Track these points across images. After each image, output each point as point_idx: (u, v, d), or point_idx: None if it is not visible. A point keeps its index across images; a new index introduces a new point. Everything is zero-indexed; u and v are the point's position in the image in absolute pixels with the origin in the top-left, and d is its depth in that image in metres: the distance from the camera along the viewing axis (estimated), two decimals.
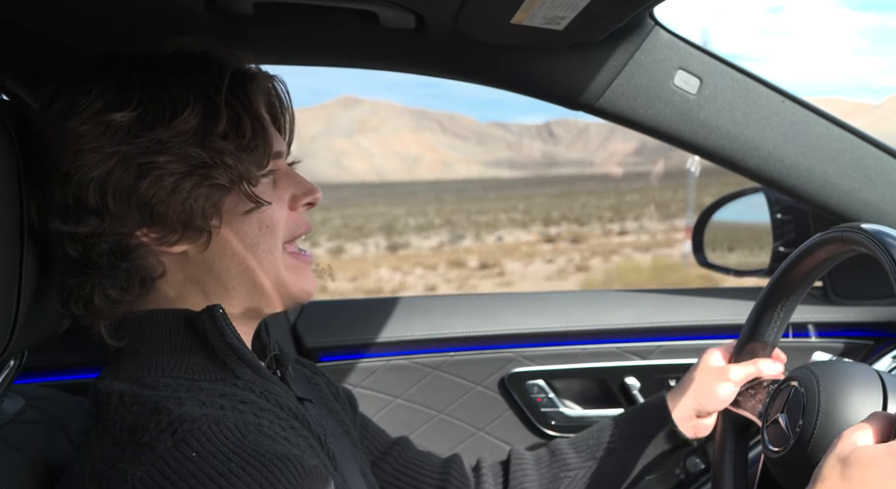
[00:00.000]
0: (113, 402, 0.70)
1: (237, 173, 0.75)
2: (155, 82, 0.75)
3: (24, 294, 0.77)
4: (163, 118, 0.73)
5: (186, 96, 0.74)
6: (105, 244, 0.74)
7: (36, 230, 0.78)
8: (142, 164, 0.72)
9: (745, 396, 1.06)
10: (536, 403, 1.41)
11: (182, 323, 0.76)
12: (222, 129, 0.75)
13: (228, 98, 0.76)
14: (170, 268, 0.77)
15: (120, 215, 0.73)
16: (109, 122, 0.72)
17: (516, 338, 1.41)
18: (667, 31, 1.16)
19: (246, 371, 0.77)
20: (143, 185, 0.73)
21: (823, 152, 1.23)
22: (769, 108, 1.21)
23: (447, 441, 1.41)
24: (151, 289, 0.77)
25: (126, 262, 0.75)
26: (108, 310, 0.76)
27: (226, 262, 0.78)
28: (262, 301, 0.80)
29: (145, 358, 0.75)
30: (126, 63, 0.77)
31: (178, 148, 0.73)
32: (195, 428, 0.65)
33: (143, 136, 0.72)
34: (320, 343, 1.37)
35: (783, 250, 1.45)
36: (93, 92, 0.74)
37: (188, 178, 0.73)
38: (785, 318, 1.03)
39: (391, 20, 1.02)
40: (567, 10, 0.94)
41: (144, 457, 0.64)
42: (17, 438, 0.79)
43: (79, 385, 1.23)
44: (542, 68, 1.17)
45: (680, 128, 1.20)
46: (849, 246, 0.89)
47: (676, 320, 1.44)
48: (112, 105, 0.73)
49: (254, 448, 0.65)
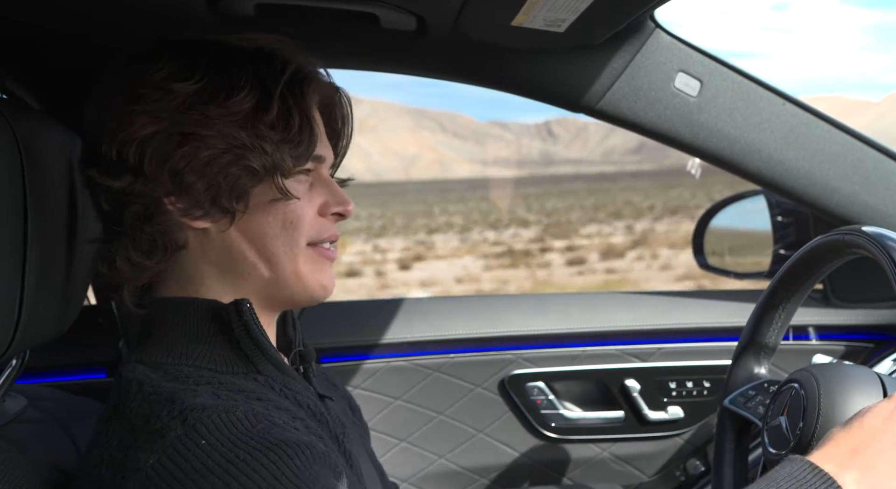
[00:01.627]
0: (133, 390, 0.72)
1: (271, 161, 0.77)
2: (219, 64, 0.78)
3: (27, 293, 0.77)
4: (217, 96, 0.76)
5: (245, 82, 0.77)
6: (135, 205, 0.77)
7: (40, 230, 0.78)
8: (185, 134, 0.76)
9: (745, 397, 1.06)
10: (536, 405, 1.41)
11: (209, 314, 0.78)
12: (271, 119, 0.78)
13: (284, 91, 0.78)
14: (192, 243, 0.79)
15: (153, 178, 0.76)
16: (169, 90, 0.76)
17: (516, 340, 1.41)
18: (668, 34, 1.17)
19: (268, 366, 0.78)
20: (180, 153, 0.76)
21: (824, 155, 1.23)
22: (770, 110, 1.21)
23: (447, 442, 1.41)
24: (172, 261, 0.79)
25: (150, 226, 0.77)
26: (130, 274, 0.79)
27: (244, 248, 0.79)
28: (280, 289, 0.81)
29: (170, 345, 0.77)
30: (196, 45, 0.81)
31: (223, 126, 0.76)
32: (205, 416, 0.66)
33: (195, 110, 0.76)
34: (321, 344, 1.37)
35: (783, 253, 1.45)
36: (162, 61, 0.78)
37: (223, 156, 0.76)
38: (786, 320, 1.03)
39: (392, 22, 1.02)
40: (568, 12, 0.94)
41: (156, 445, 0.66)
42: (19, 438, 0.80)
43: (81, 385, 1.23)
44: (543, 70, 1.17)
45: (680, 130, 1.20)
46: (850, 248, 0.89)
47: (676, 322, 1.44)
48: (176, 75, 0.77)
49: (262, 435, 0.66)
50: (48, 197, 0.81)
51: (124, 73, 0.79)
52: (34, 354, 0.89)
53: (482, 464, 1.43)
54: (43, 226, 0.79)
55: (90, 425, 0.90)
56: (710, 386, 1.43)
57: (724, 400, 1.08)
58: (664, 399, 1.42)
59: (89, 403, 1.00)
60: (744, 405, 1.05)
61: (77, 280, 0.88)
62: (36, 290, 0.78)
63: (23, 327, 0.77)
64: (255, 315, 0.78)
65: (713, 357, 1.43)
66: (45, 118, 0.88)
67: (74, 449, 0.85)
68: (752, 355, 1.06)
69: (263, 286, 0.81)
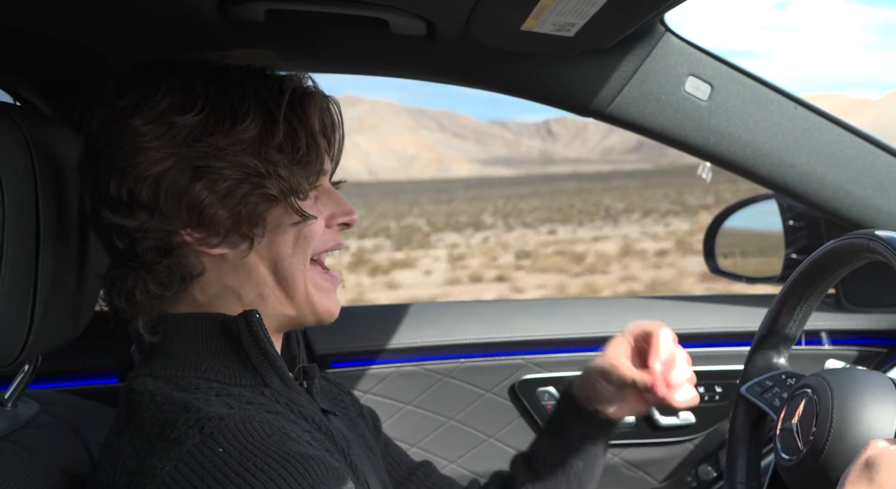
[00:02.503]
0: (145, 401, 0.72)
1: (288, 186, 0.78)
2: (218, 90, 0.78)
3: (40, 299, 0.77)
4: (223, 126, 0.76)
5: (247, 107, 0.77)
6: (150, 240, 0.77)
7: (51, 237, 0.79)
8: (197, 167, 0.75)
9: (762, 387, 1.04)
10: (547, 410, 1.40)
11: (217, 327, 0.78)
12: (278, 142, 0.78)
13: (287, 113, 0.78)
14: (209, 269, 0.79)
15: (169, 214, 0.76)
16: (172, 124, 0.75)
17: (526, 345, 1.41)
18: (678, 38, 1.16)
19: (275, 379, 0.79)
20: (197, 187, 0.75)
21: (836, 159, 1.22)
22: (781, 114, 1.21)
23: (457, 448, 1.41)
24: (190, 287, 0.79)
25: (168, 259, 0.77)
26: (148, 305, 0.78)
27: (261, 270, 0.80)
28: (293, 311, 0.82)
29: (179, 358, 0.77)
30: (189, 69, 0.80)
31: (234, 155, 0.76)
32: (222, 425, 0.67)
33: (203, 141, 0.75)
34: (331, 349, 1.37)
35: (795, 257, 1.45)
36: (160, 90, 0.76)
37: (241, 186, 0.76)
38: (807, 313, 1.02)
39: (402, 27, 1.02)
40: (577, 16, 0.94)
41: (173, 453, 0.66)
42: (31, 443, 0.80)
43: (93, 390, 1.24)
44: (553, 75, 1.17)
45: (691, 134, 1.20)
46: (863, 253, 0.89)
47: (688, 327, 1.43)
48: (177, 107, 0.76)
49: (278, 446, 0.67)
50: (60, 203, 0.81)
51: (121, 105, 0.77)
52: (46, 360, 0.90)
53: (492, 469, 1.42)
54: (55, 232, 0.80)
55: (102, 430, 0.90)
56: (721, 391, 1.42)
57: (742, 387, 1.06)
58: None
59: (101, 408, 1.00)
60: (760, 395, 1.04)
61: (88, 285, 0.88)
62: (48, 296, 0.79)
63: (35, 333, 0.78)
64: (264, 326, 0.78)
65: (725, 362, 1.42)
66: (56, 124, 0.88)
67: (86, 453, 0.86)
68: (770, 345, 1.05)
69: (278, 307, 0.81)
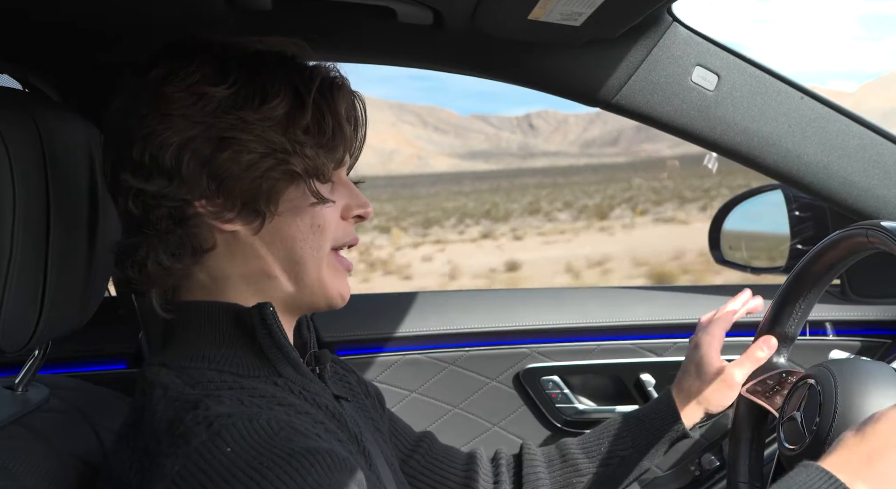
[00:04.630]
0: (157, 394, 0.72)
1: (313, 165, 0.78)
2: (250, 68, 0.78)
3: (50, 285, 0.78)
4: (252, 101, 0.76)
5: (278, 86, 0.77)
6: (165, 208, 0.77)
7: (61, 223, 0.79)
8: (224, 138, 0.75)
9: (763, 386, 1.05)
10: (551, 399, 1.41)
11: (232, 318, 0.78)
12: (305, 124, 0.78)
13: (316, 97, 0.79)
14: (220, 244, 0.79)
15: (189, 181, 0.76)
16: (203, 94, 0.75)
17: (531, 334, 1.41)
18: (685, 27, 1.16)
19: (287, 368, 0.79)
20: (221, 157, 0.76)
21: (842, 149, 1.22)
22: (787, 104, 1.20)
23: (462, 436, 1.42)
24: (201, 262, 0.79)
25: (181, 229, 0.77)
26: (160, 277, 0.78)
27: (272, 250, 0.80)
28: (303, 295, 0.82)
29: (194, 348, 0.78)
30: (223, 47, 0.80)
31: (261, 131, 0.76)
32: (229, 423, 0.67)
33: (232, 114, 0.76)
34: (337, 337, 1.38)
35: (801, 248, 1.45)
36: (193, 63, 0.77)
37: (266, 159, 0.76)
38: (805, 312, 1.03)
39: (409, 16, 1.02)
40: (584, 6, 0.94)
41: (180, 451, 0.66)
42: (42, 427, 0.81)
43: (101, 375, 1.25)
44: (559, 64, 1.17)
45: (697, 124, 1.20)
46: (869, 243, 0.89)
47: (692, 317, 1.43)
48: (209, 79, 0.76)
49: (284, 443, 0.67)
50: (69, 190, 0.82)
51: (152, 74, 0.78)
52: (55, 345, 0.91)
53: None
54: (64, 218, 0.80)
55: (110, 415, 0.91)
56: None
57: (742, 388, 1.07)
58: None
59: (110, 394, 1.01)
60: (762, 394, 1.05)
61: (98, 272, 0.89)
62: (57, 282, 0.79)
63: (45, 318, 0.79)
64: (278, 318, 0.78)
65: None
66: (65, 111, 0.89)
67: (96, 438, 0.87)
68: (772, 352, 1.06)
69: (287, 290, 0.81)
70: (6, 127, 0.73)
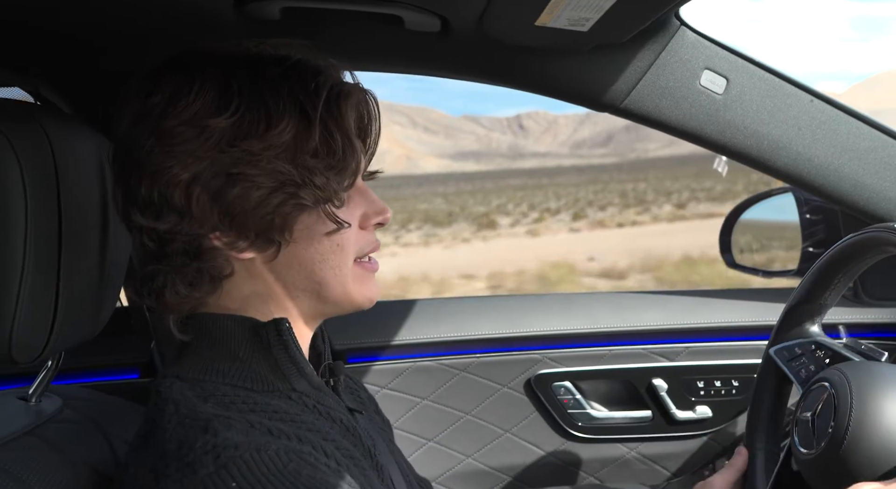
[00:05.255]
0: (169, 410, 0.72)
1: (323, 195, 0.76)
2: (253, 89, 0.75)
3: (62, 296, 0.79)
4: (257, 129, 0.74)
5: (283, 109, 0.75)
6: (179, 242, 0.76)
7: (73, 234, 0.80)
8: (231, 174, 0.73)
9: (790, 353, 1.03)
10: (563, 405, 1.41)
11: (247, 332, 0.78)
12: (314, 147, 0.76)
13: (323, 114, 0.76)
14: (238, 271, 0.78)
15: (200, 218, 0.75)
16: (205, 127, 0.73)
17: (543, 340, 1.41)
18: (693, 31, 1.16)
19: (302, 383, 0.78)
20: (230, 193, 0.74)
21: (853, 151, 1.21)
22: (797, 107, 1.20)
23: (474, 442, 1.41)
24: (220, 288, 0.79)
25: (197, 261, 0.76)
26: (178, 304, 0.78)
27: (293, 274, 0.79)
28: (326, 308, 0.82)
29: (209, 361, 0.77)
30: (225, 62, 0.78)
31: (268, 162, 0.74)
32: (237, 455, 0.66)
33: (237, 146, 0.73)
34: (348, 344, 1.38)
35: (812, 251, 1.44)
36: (193, 91, 0.74)
37: (275, 194, 0.74)
38: (843, 286, 1.00)
39: (416, 24, 1.03)
40: (592, 11, 0.94)
41: (187, 480, 0.65)
42: (55, 437, 0.81)
43: (114, 386, 1.26)
44: (567, 70, 1.17)
45: (707, 128, 1.19)
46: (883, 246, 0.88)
47: (704, 321, 1.43)
48: (210, 109, 0.74)
49: (293, 477, 0.66)
50: (81, 201, 0.82)
51: (152, 101, 0.75)
52: (68, 356, 0.91)
53: (509, 464, 1.43)
54: (76, 229, 0.81)
55: (123, 425, 0.92)
56: (738, 385, 1.42)
57: (770, 348, 1.05)
58: (692, 398, 1.42)
59: (122, 404, 1.02)
60: (787, 362, 1.03)
61: (110, 282, 0.89)
62: (70, 294, 0.80)
63: (58, 329, 0.79)
64: (294, 334, 0.78)
65: (741, 356, 1.42)
66: (76, 122, 0.89)
67: (109, 448, 0.87)
68: (805, 311, 1.03)
69: (311, 306, 0.81)
70: (18, 139, 0.74)
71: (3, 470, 0.71)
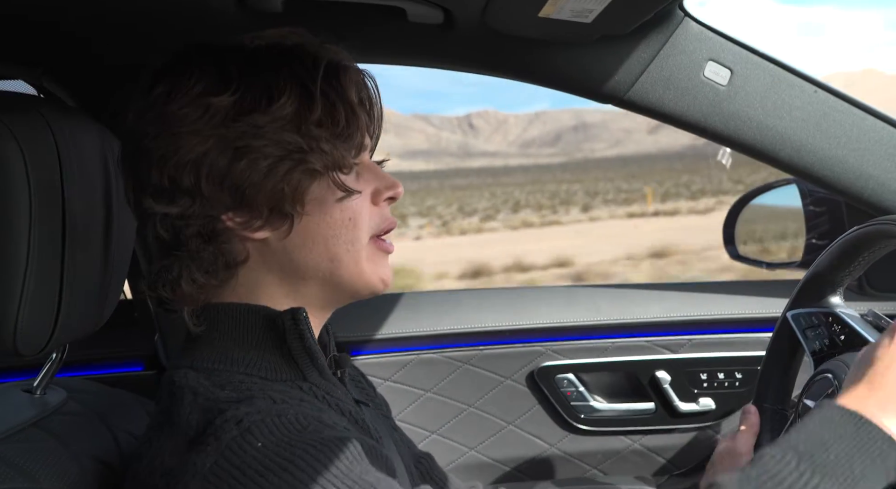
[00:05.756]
0: (187, 399, 0.72)
1: (332, 159, 0.77)
2: (251, 70, 0.76)
3: (66, 289, 0.79)
4: (260, 103, 0.75)
5: (283, 84, 0.76)
6: (193, 227, 0.76)
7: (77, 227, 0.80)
8: (238, 148, 0.74)
9: (808, 320, 1.02)
10: (566, 397, 1.41)
11: (262, 321, 0.78)
12: (317, 117, 0.76)
13: (323, 86, 0.77)
14: (252, 255, 0.79)
15: (211, 197, 0.75)
16: (209, 105, 0.74)
17: (546, 332, 1.41)
18: (697, 23, 1.15)
19: (314, 373, 0.79)
20: (238, 167, 0.74)
21: (857, 142, 1.21)
22: (802, 98, 1.20)
23: (477, 434, 1.42)
24: (235, 274, 0.79)
25: (212, 246, 0.77)
26: (194, 295, 0.78)
27: (305, 252, 0.79)
28: (339, 291, 0.82)
29: (222, 350, 0.77)
30: (222, 52, 0.79)
31: (274, 133, 0.75)
32: (259, 419, 0.67)
33: (241, 121, 0.74)
34: (351, 337, 1.38)
35: (816, 242, 1.43)
36: (193, 76, 0.75)
37: (283, 162, 0.75)
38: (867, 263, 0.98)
39: (419, 16, 1.02)
40: (595, 2, 0.94)
41: (211, 448, 0.66)
42: (60, 430, 0.82)
43: (118, 378, 1.26)
44: (571, 61, 1.17)
45: (710, 119, 1.19)
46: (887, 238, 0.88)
47: (707, 314, 1.43)
48: (211, 89, 0.75)
49: (313, 435, 0.67)
50: (85, 194, 0.83)
51: (155, 92, 0.76)
52: (72, 348, 0.91)
53: (512, 456, 1.43)
54: (80, 222, 0.81)
55: (128, 417, 0.92)
56: (741, 377, 1.42)
57: (788, 312, 1.04)
58: (695, 390, 1.42)
59: (126, 396, 1.02)
60: (803, 329, 1.01)
61: (114, 275, 0.89)
62: (74, 286, 0.80)
63: (62, 322, 0.79)
64: (310, 323, 0.78)
65: (745, 348, 1.42)
66: (80, 116, 0.89)
67: (114, 440, 0.87)
68: (827, 280, 1.00)
69: (324, 288, 0.81)
70: (22, 133, 0.74)
71: (8, 461, 0.72)
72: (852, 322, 0.97)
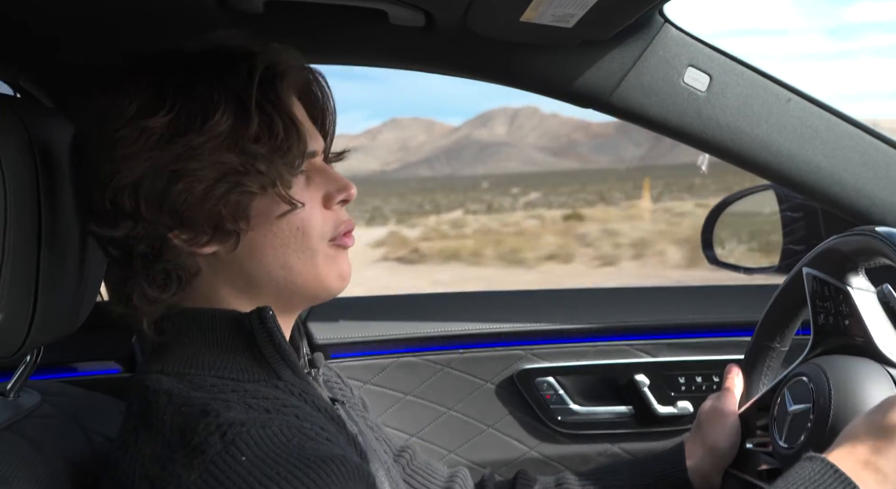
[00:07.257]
0: (162, 401, 0.71)
1: (269, 179, 0.75)
2: (186, 85, 0.75)
3: (42, 290, 0.78)
4: (195, 122, 0.73)
5: (217, 99, 0.74)
6: (140, 246, 0.76)
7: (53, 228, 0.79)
8: (174, 171, 0.73)
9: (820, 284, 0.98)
10: (546, 400, 1.41)
11: (229, 323, 0.77)
12: (254, 132, 0.75)
13: (259, 99, 0.75)
14: (203, 267, 0.78)
15: (152, 220, 0.74)
16: (143, 128, 0.73)
17: (526, 336, 1.41)
18: (676, 29, 1.16)
19: (287, 372, 0.78)
20: (174, 191, 0.73)
21: (833, 149, 1.23)
22: (779, 104, 1.21)
23: (457, 438, 1.42)
24: (189, 287, 0.78)
25: (161, 263, 0.76)
26: (149, 308, 0.77)
27: (255, 263, 0.78)
28: (296, 296, 0.81)
29: (192, 354, 0.76)
30: (159, 64, 0.78)
31: (210, 153, 0.73)
32: (243, 431, 0.66)
33: (177, 142, 0.73)
34: (330, 340, 1.37)
35: (793, 247, 1.45)
36: (128, 93, 0.75)
37: (219, 184, 0.74)
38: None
39: (401, 18, 1.02)
40: (576, 7, 0.94)
41: (196, 461, 0.65)
42: (33, 433, 0.81)
43: (94, 381, 1.25)
44: (552, 66, 1.17)
45: (690, 125, 1.20)
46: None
47: (686, 317, 1.44)
48: (146, 110, 0.74)
49: (298, 451, 0.66)
50: (61, 195, 0.82)
51: (94, 114, 0.76)
52: (47, 350, 0.90)
53: (492, 459, 1.43)
54: (56, 224, 0.80)
55: (103, 420, 0.91)
56: (719, 380, 1.42)
57: (805, 268, 1.00)
58: (673, 394, 1.43)
59: (102, 399, 1.01)
60: (813, 293, 0.98)
61: (90, 277, 0.89)
62: (49, 288, 0.79)
63: (37, 324, 0.78)
64: (277, 322, 0.78)
65: (723, 351, 1.43)
66: (57, 117, 0.89)
67: (88, 444, 0.86)
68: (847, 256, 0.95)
69: (281, 294, 0.80)
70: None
71: None
72: (863, 312, 0.92)
